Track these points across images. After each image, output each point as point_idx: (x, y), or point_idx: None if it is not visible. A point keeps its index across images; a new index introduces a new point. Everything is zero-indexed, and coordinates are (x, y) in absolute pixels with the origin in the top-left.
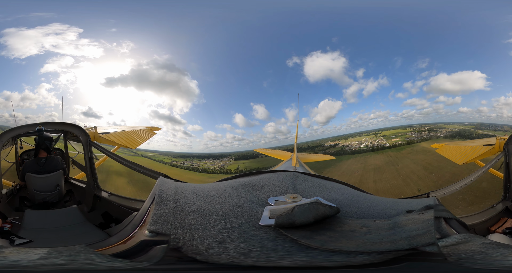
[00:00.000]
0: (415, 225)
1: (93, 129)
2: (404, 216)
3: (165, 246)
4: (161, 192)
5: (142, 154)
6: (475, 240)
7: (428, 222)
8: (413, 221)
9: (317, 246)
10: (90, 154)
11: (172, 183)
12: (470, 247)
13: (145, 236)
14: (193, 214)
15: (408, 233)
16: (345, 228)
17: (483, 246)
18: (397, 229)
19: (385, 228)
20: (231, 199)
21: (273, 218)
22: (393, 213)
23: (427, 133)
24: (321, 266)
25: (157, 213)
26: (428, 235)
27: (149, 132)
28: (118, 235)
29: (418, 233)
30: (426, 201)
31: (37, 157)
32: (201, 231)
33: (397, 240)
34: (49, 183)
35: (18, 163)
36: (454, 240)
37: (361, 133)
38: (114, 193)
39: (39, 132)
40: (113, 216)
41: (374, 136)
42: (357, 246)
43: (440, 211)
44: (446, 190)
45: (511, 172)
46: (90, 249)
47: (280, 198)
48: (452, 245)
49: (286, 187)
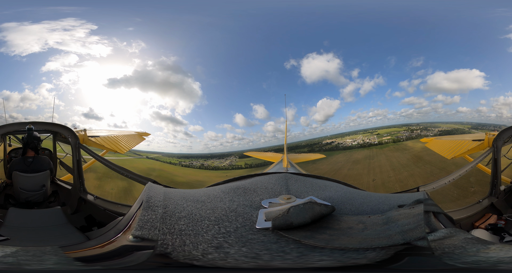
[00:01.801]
0: (406, 219)
1: (83, 132)
2: (396, 211)
3: (149, 251)
4: (149, 197)
5: (147, 156)
6: (459, 235)
7: (418, 217)
8: (405, 215)
9: (323, 245)
10: (78, 156)
11: (161, 189)
12: (454, 242)
13: (127, 241)
14: (184, 219)
15: (401, 227)
16: (343, 226)
17: (464, 241)
18: (391, 224)
19: (379, 223)
20: (223, 204)
21: (269, 220)
22: (385, 208)
23: (418, 132)
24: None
25: (143, 219)
26: (419, 229)
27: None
28: (98, 238)
29: (410, 228)
30: (416, 195)
31: (25, 156)
32: (193, 236)
33: (392, 235)
34: (35, 182)
35: (6, 160)
36: (441, 234)
37: (359, 131)
38: (100, 197)
39: (28, 131)
40: (97, 220)
41: (370, 134)
42: (359, 242)
43: (429, 206)
44: (435, 184)
45: (499, 168)
46: (59, 251)
47: (274, 200)
48: (438, 240)
49: (279, 188)
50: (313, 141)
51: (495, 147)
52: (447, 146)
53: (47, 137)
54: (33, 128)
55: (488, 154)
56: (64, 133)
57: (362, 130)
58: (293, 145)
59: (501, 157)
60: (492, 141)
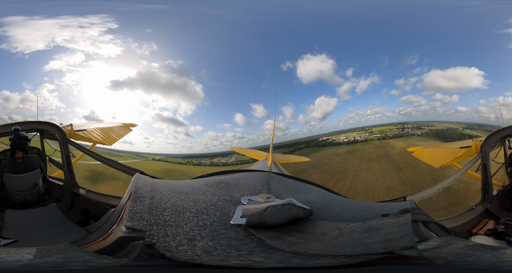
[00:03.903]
0: (391, 228)
1: (69, 127)
2: (380, 219)
3: (141, 242)
4: (137, 188)
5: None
6: (458, 242)
7: (405, 226)
8: (389, 224)
9: (282, 247)
10: (67, 151)
11: (148, 180)
12: (455, 250)
13: (122, 232)
14: (168, 210)
15: (383, 236)
16: (317, 231)
17: (469, 249)
18: (372, 233)
19: (359, 231)
20: (205, 196)
21: (245, 217)
22: (368, 216)
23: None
24: (276, 267)
25: (133, 210)
26: (405, 238)
27: (125, 128)
28: (97, 232)
29: (394, 237)
30: (402, 204)
31: (14, 157)
32: (174, 227)
33: (371, 243)
34: (27, 182)
35: None
36: (435, 243)
37: (356, 129)
38: (92, 190)
39: (15, 131)
40: (92, 213)
41: (364, 132)
42: (325, 248)
43: (418, 215)
44: (423, 193)
45: (489, 173)
46: (75, 247)
47: (254, 198)
48: (434, 248)
49: (260, 187)
50: (311, 138)
51: (483, 153)
52: (435, 154)
53: (34, 135)
54: (19, 128)
55: (477, 160)
56: (50, 130)
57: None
58: (292, 142)
59: (490, 162)
60: (480, 146)
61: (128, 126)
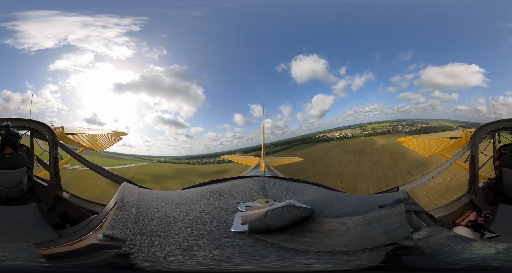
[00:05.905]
0: (389, 219)
1: (60, 129)
2: (377, 211)
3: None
4: (123, 197)
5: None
6: (442, 233)
7: (400, 216)
8: (387, 215)
9: (306, 248)
10: (55, 153)
11: (136, 189)
12: (438, 240)
13: (97, 240)
14: (156, 220)
15: (384, 227)
16: (324, 228)
17: (448, 239)
18: (373, 225)
19: (362, 224)
20: (198, 206)
21: (245, 224)
22: (366, 209)
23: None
24: (336, 270)
25: (116, 218)
26: (402, 228)
27: (116, 137)
28: (69, 236)
29: (393, 227)
30: (396, 195)
31: (2, 153)
32: (163, 238)
33: (377, 235)
34: (12, 179)
35: None
36: (425, 233)
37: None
38: (76, 195)
39: (6, 127)
40: (71, 217)
41: (358, 128)
42: (344, 245)
43: (410, 205)
44: (414, 183)
45: (476, 165)
46: (33, 248)
47: (251, 204)
48: (424, 238)
49: (256, 192)
50: (309, 135)
51: (473, 144)
52: (424, 144)
53: (24, 133)
54: (10, 124)
55: (466, 151)
56: (41, 130)
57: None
58: (290, 140)
59: (478, 154)
60: (470, 138)
61: (119, 134)
